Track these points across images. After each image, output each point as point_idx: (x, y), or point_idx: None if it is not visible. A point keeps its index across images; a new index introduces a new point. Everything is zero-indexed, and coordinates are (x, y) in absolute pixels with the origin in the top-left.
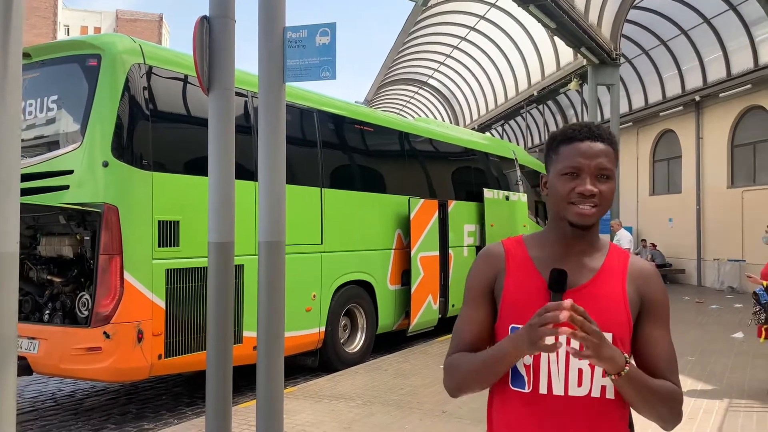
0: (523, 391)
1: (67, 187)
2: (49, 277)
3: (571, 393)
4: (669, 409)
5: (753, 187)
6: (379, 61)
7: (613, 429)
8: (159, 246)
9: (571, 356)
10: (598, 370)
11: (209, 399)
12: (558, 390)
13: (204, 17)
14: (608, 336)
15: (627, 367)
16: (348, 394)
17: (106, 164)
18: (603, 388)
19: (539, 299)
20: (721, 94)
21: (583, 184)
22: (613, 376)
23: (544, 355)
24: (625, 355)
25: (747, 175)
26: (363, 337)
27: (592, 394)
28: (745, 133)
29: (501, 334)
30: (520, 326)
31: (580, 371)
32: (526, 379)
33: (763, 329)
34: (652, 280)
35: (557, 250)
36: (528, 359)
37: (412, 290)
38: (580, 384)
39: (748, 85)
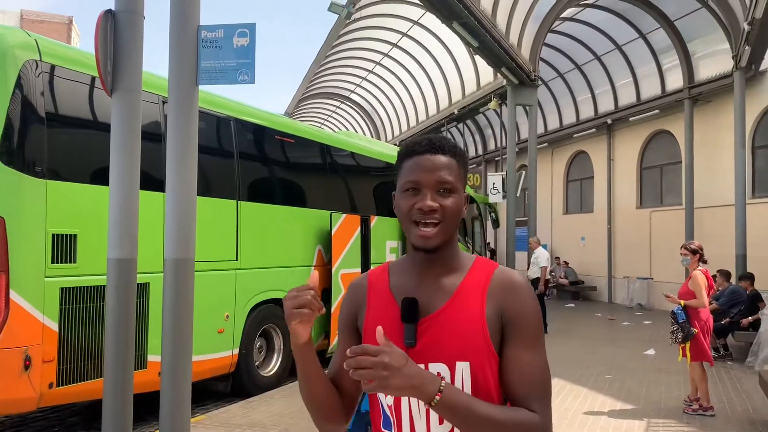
0: None
1: None
2: None
3: (433, 431)
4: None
5: (660, 208)
6: (300, 73)
7: None
8: (53, 262)
9: None
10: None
11: (106, 430)
12: (420, 429)
13: (108, 11)
14: (465, 365)
15: (438, 396)
16: (262, 422)
17: None
18: None
19: (397, 332)
20: (631, 118)
21: (423, 200)
22: (431, 403)
23: (404, 396)
24: (442, 380)
25: (654, 196)
26: (279, 360)
27: (456, 431)
28: (653, 156)
29: None
30: None
31: None
32: (392, 420)
33: (680, 348)
34: (514, 293)
35: (413, 275)
36: (389, 399)
37: (333, 309)
38: (441, 421)
39: (656, 110)
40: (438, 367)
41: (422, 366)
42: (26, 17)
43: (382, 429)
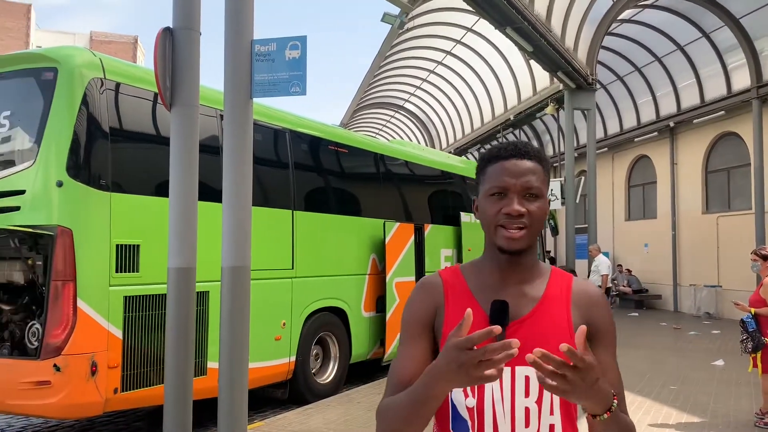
0: None
1: (18, 208)
2: None
3: None
4: None
5: (728, 213)
6: (354, 85)
7: None
8: (117, 271)
9: (516, 394)
10: (546, 409)
11: None
12: (504, 431)
13: (167, 29)
14: None
15: (615, 400)
16: (319, 429)
17: (60, 184)
18: (551, 427)
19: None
20: (694, 121)
21: (510, 204)
22: (604, 415)
23: (488, 396)
24: (612, 390)
25: (722, 200)
26: (336, 367)
27: (541, 431)
28: (719, 158)
29: None
30: None
31: (527, 410)
32: (469, 423)
33: (751, 358)
34: (598, 306)
35: (495, 278)
36: (471, 401)
37: (388, 317)
38: (527, 424)
39: (722, 112)
40: (526, 371)
41: (509, 368)
42: (95, 38)
43: (452, 431)
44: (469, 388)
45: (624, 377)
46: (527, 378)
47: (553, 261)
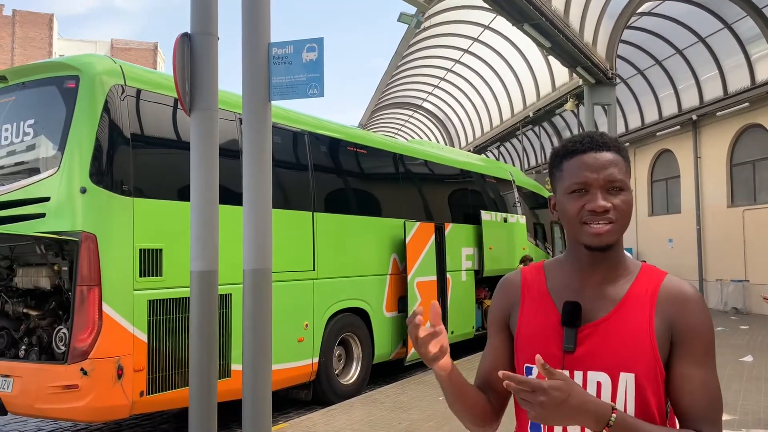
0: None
1: (43, 215)
2: (25, 311)
3: None
4: None
5: (754, 206)
6: (372, 86)
7: None
8: (140, 276)
9: None
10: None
11: None
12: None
13: (185, 34)
14: (630, 377)
15: (614, 414)
16: (343, 430)
17: (83, 190)
18: None
19: (554, 336)
20: (718, 113)
21: (594, 201)
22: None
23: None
24: (613, 411)
25: (747, 193)
26: (359, 368)
27: None
28: (744, 151)
29: (519, 372)
30: (533, 366)
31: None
32: (542, 426)
33: None
34: (686, 306)
35: (575, 278)
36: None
37: (409, 317)
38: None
39: (746, 104)
40: (599, 376)
41: (580, 373)
42: (116, 46)
43: (529, 430)
44: None
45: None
46: (599, 383)
47: None
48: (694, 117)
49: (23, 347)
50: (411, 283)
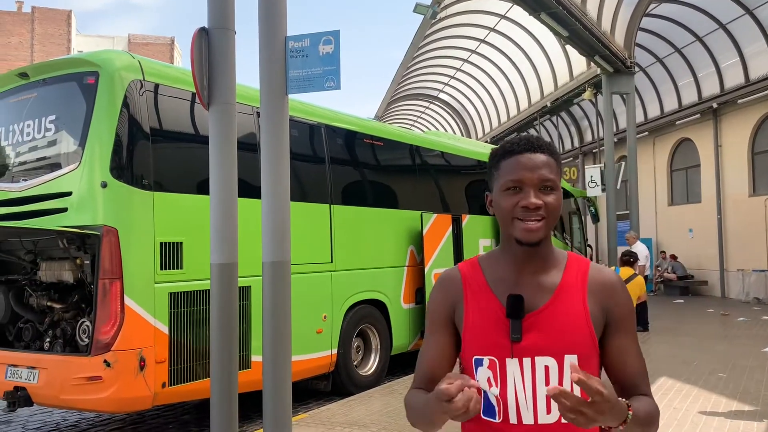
0: (493, 421)
1: (65, 210)
2: (49, 304)
3: (540, 421)
4: (653, 428)
5: None
6: (388, 77)
7: None
8: (161, 269)
9: (537, 383)
10: None
11: (214, 429)
12: (527, 419)
13: (202, 29)
14: (573, 357)
15: (630, 411)
16: (362, 420)
17: (104, 185)
18: None
19: (500, 327)
20: (739, 101)
21: (527, 198)
22: (619, 427)
23: (510, 386)
24: (628, 406)
25: None
26: (377, 359)
27: (563, 420)
28: (766, 139)
29: (466, 365)
30: (483, 357)
31: (548, 398)
32: (496, 408)
33: None
34: (616, 293)
35: (511, 271)
36: (495, 389)
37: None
38: (549, 411)
39: None
40: (546, 361)
41: (529, 359)
42: (133, 41)
43: (483, 416)
44: (492, 378)
45: (670, 365)
46: (546, 368)
47: (591, 249)
48: (715, 105)
49: (48, 340)
50: (428, 275)
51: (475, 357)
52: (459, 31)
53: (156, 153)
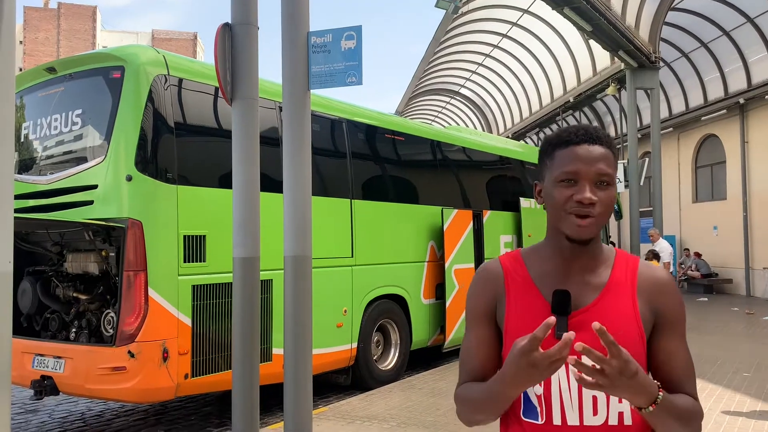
0: (536, 422)
1: (91, 203)
2: (75, 295)
3: (586, 423)
4: (693, 428)
5: None
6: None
7: None
8: (185, 261)
9: None
10: (614, 397)
11: (235, 420)
12: (573, 420)
13: (226, 24)
14: None
15: (661, 393)
16: (381, 414)
17: (129, 178)
18: (620, 415)
19: (540, 321)
20: (767, 96)
21: (582, 192)
22: (649, 408)
23: (555, 384)
24: (659, 388)
25: None
26: (397, 354)
27: (609, 422)
28: None
29: None
30: None
31: (595, 399)
32: (538, 409)
33: None
34: (665, 291)
35: (558, 266)
36: (538, 389)
37: (447, 304)
38: (595, 413)
39: None
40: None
41: (574, 358)
42: (157, 36)
43: (523, 417)
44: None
45: (694, 364)
46: (593, 367)
47: (613, 246)
48: (742, 101)
49: (74, 330)
50: (449, 271)
51: None
52: (481, 26)
53: (180, 147)
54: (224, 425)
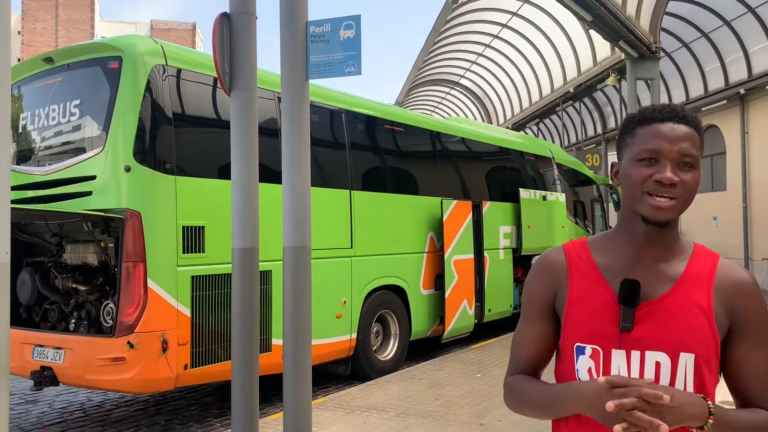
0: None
1: (90, 193)
2: (74, 286)
3: None
4: None
5: None
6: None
7: None
8: (184, 252)
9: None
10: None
11: (235, 410)
12: None
13: (224, 14)
14: (690, 357)
15: (710, 420)
16: (381, 405)
17: (128, 169)
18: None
19: (608, 315)
20: None
21: (663, 171)
22: (695, 430)
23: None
24: (709, 403)
25: None
26: (396, 344)
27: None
28: None
29: (565, 352)
30: (586, 346)
31: None
32: None
33: None
34: (745, 292)
35: (629, 254)
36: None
37: (447, 295)
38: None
39: None
40: (658, 356)
41: (638, 352)
42: (155, 27)
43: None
44: (593, 369)
45: None
46: (658, 363)
47: None
48: (742, 91)
49: (73, 321)
50: (448, 262)
51: (576, 344)
52: (481, 16)
53: (178, 137)
54: (224, 415)
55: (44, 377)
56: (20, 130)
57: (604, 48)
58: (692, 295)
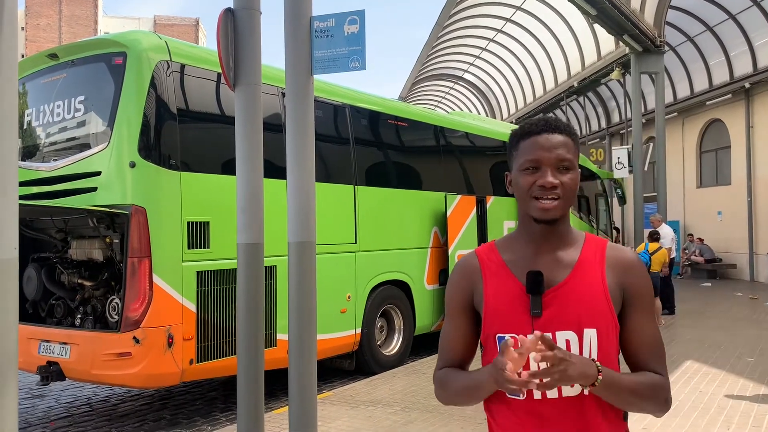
0: (518, 398)
1: (95, 189)
2: (80, 281)
3: (564, 394)
4: (653, 403)
5: None
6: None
7: (609, 421)
8: (189, 248)
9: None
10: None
11: (240, 405)
12: (551, 393)
13: (228, 9)
14: (593, 332)
15: (600, 377)
16: (386, 399)
17: (133, 165)
18: None
19: (520, 304)
20: None
21: (544, 177)
22: (588, 388)
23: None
24: (597, 363)
25: None
26: (400, 339)
27: (585, 392)
28: None
29: (488, 344)
30: (506, 335)
31: None
32: None
33: None
34: (632, 270)
35: (529, 250)
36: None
37: None
38: (572, 384)
39: None
40: (566, 335)
41: (549, 334)
42: (159, 22)
43: (507, 395)
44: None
45: (697, 348)
46: (567, 341)
47: (618, 232)
48: (747, 85)
49: (79, 316)
50: (452, 257)
51: (498, 334)
52: (485, 11)
53: (183, 133)
54: (229, 410)
55: (51, 372)
56: (25, 127)
57: (608, 42)
58: (588, 276)
